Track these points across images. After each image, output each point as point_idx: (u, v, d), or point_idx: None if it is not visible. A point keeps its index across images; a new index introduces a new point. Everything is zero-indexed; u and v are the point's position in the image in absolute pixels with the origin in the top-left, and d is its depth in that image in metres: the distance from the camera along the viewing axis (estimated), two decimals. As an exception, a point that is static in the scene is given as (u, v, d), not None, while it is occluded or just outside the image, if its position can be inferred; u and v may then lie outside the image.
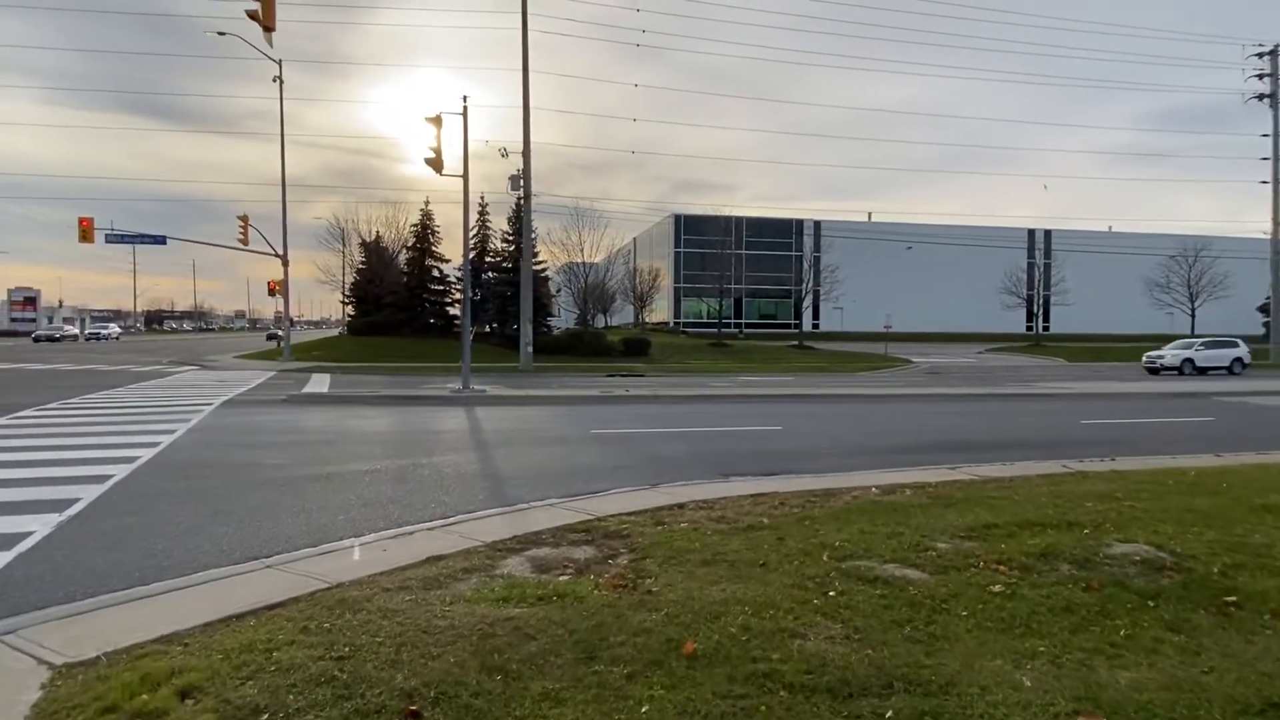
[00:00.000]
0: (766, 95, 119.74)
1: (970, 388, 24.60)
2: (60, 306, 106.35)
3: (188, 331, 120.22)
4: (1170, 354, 34.67)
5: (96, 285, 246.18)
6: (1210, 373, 33.23)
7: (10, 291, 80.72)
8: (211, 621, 4.11)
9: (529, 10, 31.30)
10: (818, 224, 68.48)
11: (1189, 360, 33.66)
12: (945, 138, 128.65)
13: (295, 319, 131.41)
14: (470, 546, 5.65)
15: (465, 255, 20.31)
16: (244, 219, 33.94)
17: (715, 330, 54.21)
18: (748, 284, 66.20)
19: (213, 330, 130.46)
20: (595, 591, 4.54)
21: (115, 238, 35.18)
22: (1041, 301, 67.90)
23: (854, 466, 9.93)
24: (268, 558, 5.52)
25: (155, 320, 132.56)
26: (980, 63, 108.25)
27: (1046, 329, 70.24)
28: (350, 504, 7.34)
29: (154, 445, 10.28)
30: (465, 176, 18.83)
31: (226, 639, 3.83)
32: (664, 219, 70.97)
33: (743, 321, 65.91)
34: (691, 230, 65.28)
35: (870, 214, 75.97)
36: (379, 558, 5.40)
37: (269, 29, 9.16)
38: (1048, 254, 74.64)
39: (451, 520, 6.60)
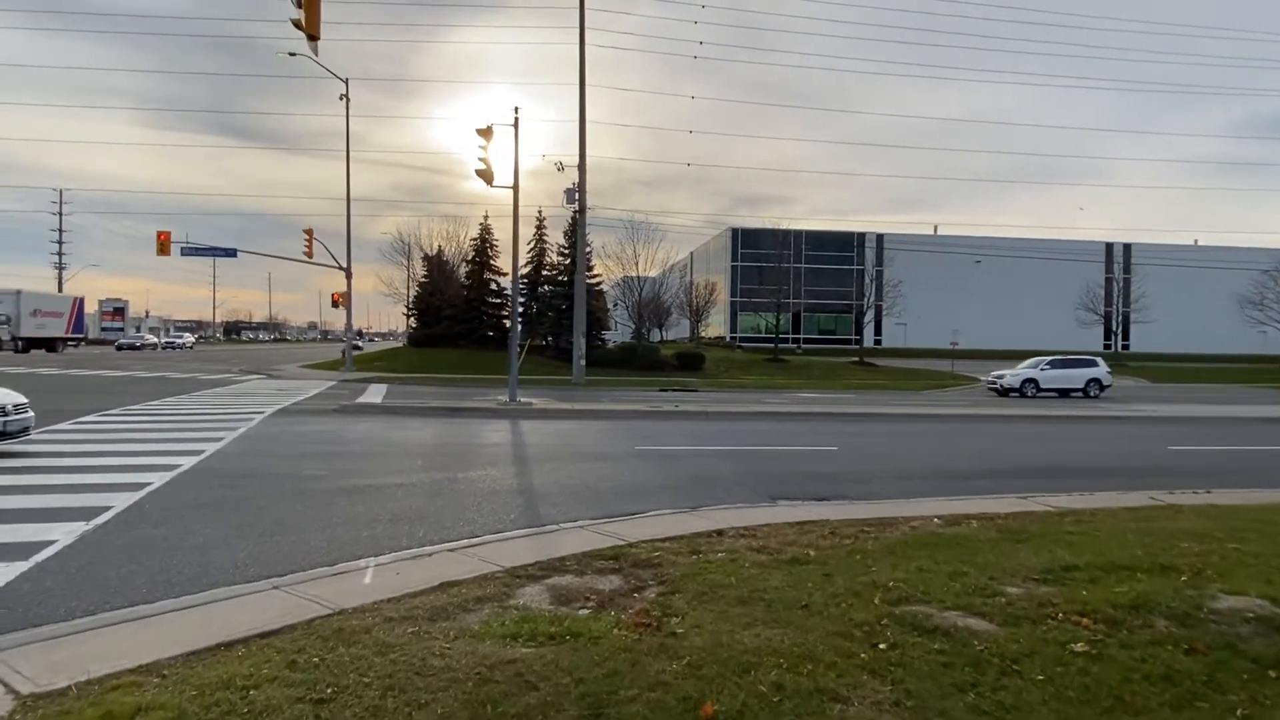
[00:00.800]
0: (828, 106, 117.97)
1: (1044, 409, 23.20)
2: (146, 317, 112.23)
3: (263, 341, 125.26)
4: (1011, 374, 30.48)
5: (181, 297, 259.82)
6: (1071, 395, 29.38)
7: (101, 302, 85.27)
8: (198, 650, 3.82)
9: (586, 25, 31.45)
10: (880, 237, 66.75)
11: (1031, 381, 29.62)
12: (1017, 147, 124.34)
13: (364, 330, 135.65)
14: (488, 572, 5.27)
15: (514, 267, 20.23)
16: (309, 232, 34.92)
17: (772, 345, 53.18)
18: (806, 298, 64.84)
19: (287, 340, 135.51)
20: (614, 631, 4.09)
21: (190, 250, 36.68)
22: (1121, 318, 64.34)
23: (914, 493, 9.22)
24: (280, 576, 5.26)
25: (233, 330, 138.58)
26: (1055, 68, 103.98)
27: (1126, 347, 66.56)
28: (377, 519, 7.07)
29: (198, 453, 10.31)
30: (515, 188, 18.78)
31: (206, 672, 3.52)
32: (721, 233, 70.34)
33: (801, 336, 64.57)
34: (749, 244, 64.45)
35: (936, 227, 73.77)
36: (391, 581, 5.07)
37: (313, 38, 9.14)
38: (1127, 268, 70.89)
39: (475, 541, 6.24)
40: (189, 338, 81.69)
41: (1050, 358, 31.52)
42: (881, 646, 3.87)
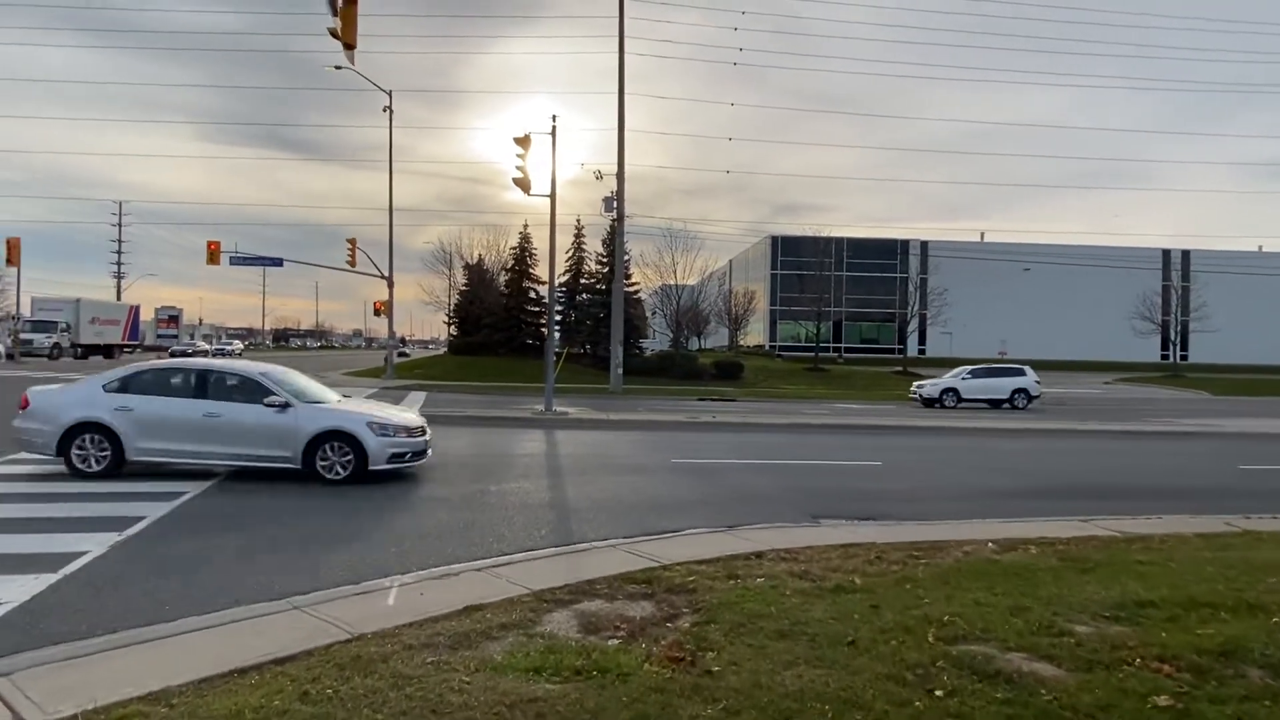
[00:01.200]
0: (870, 111, 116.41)
1: (1100, 423, 22.21)
2: (200, 324, 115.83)
3: (310, 349, 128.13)
4: (931, 384, 28.83)
5: (232, 306, 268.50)
6: (1002, 405, 27.59)
7: (157, 310, 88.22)
8: (210, 677, 3.65)
9: (626, 35, 31.43)
10: (924, 244, 65.38)
11: (951, 391, 27.79)
12: (1066, 151, 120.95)
13: (407, 338, 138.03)
14: (515, 595, 5.04)
15: (551, 275, 20.15)
16: (352, 242, 35.50)
17: (812, 354, 52.40)
18: (848, 306, 63.79)
19: (333, 348, 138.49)
20: (645, 666, 3.81)
21: (239, 260, 37.65)
22: (1179, 328, 61.74)
23: (965, 513, 8.75)
24: (303, 594, 5.11)
25: (282, 338, 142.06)
26: (1104, 69, 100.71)
27: (1184, 358, 63.84)
28: (406, 534, 6.92)
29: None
30: (553, 196, 18.71)
31: (216, 702, 3.35)
32: (760, 240, 69.71)
33: (842, 345, 63.49)
34: (789, 251, 63.69)
35: (983, 234, 71.97)
36: (414, 603, 4.87)
37: (350, 46, 9.12)
38: (1185, 276, 68.27)
39: (503, 560, 6.03)
40: (238, 345, 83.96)
41: (973, 367, 30.05)
42: (938, 694, 3.52)
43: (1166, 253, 70.09)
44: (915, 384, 29.79)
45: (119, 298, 68.78)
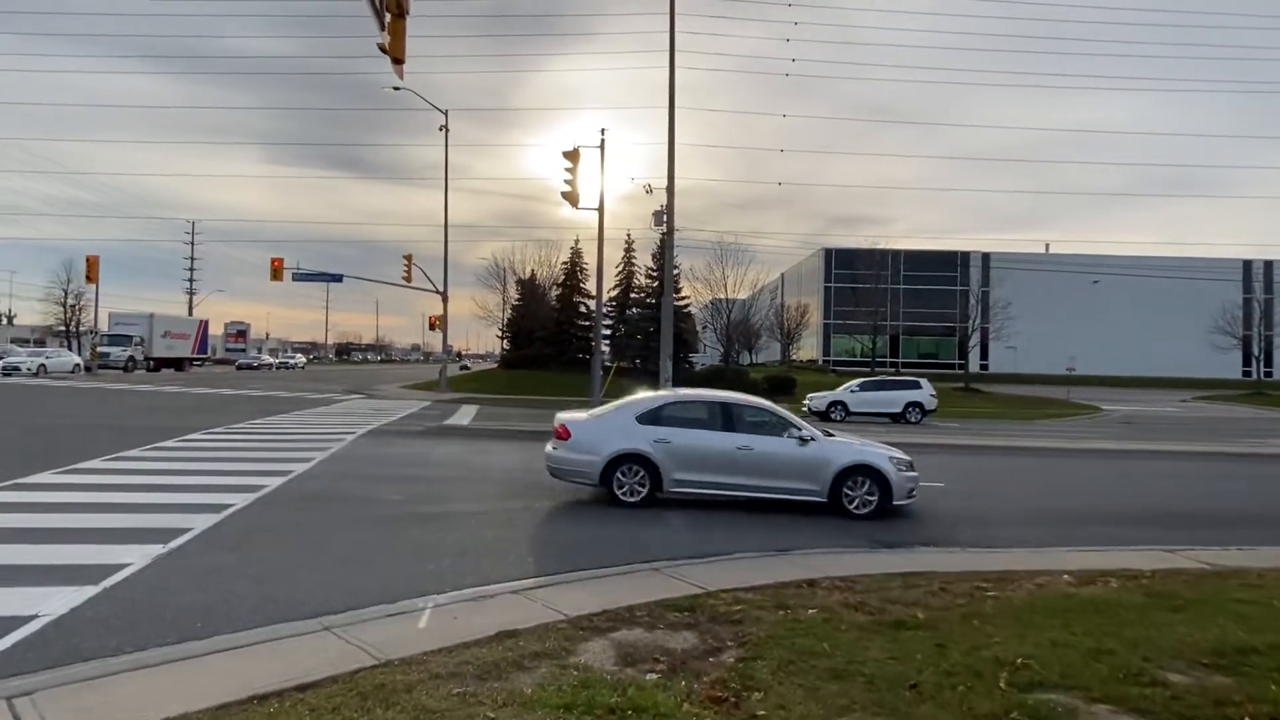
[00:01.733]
0: (928, 120, 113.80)
1: (1179, 443, 20.87)
2: (267, 338, 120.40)
3: (370, 362, 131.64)
4: (819, 397, 27.44)
5: (297, 320, 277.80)
6: (899, 420, 26.29)
7: (226, 325, 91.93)
8: (229, 703, 3.50)
9: (676, 49, 31.39)
10: (986, 256, 63.40)
11: (839, 404, 26.55)
12: (1137, 158, 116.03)
13: (463, 352, 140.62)
14: (550, 621, 4.79)
15: (599, 288, 20.05)
16: (408, 258, 36.23)
17: (868, 369, 51.11)
18: (905, 320, 62.23)
19: (393, 361, 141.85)
20: (684, 707, 3.51)
21: (301, 276, 38.86)
22: (1263, 342, 58.23)
23: (1035, 540, 8.18)
24: (335, 614, 4.97)
25: (344, 351, 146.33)
26: (1175, 72, 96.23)
27: (1269, 374, 60.17)
28: (445, 551, 6.76)
29: (285, 474, 10.42)
30: (600, 208, 18.64)
31: (230, 733, 3.18)
32: (813, 253, 68.71)
33: (899, 361, 61.87)
34: (843, 264, 62.59)
35: (1047, 245, 69.48)
36: (446, 627, 4.67)
37: (398, 61, 9.12)
38: (1268, 288, 64.54)
39: (540, 582, 5.79)
40: (301, 358, 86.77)
41: (863, 380, 29.30)
42: (1015, 753, 3.11)
43: (1248, 264, 66.43)
44: (809, 395, 28.66)
45: (190, 312, 71.81)
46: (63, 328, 64.69)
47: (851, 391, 27.45)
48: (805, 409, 27.34)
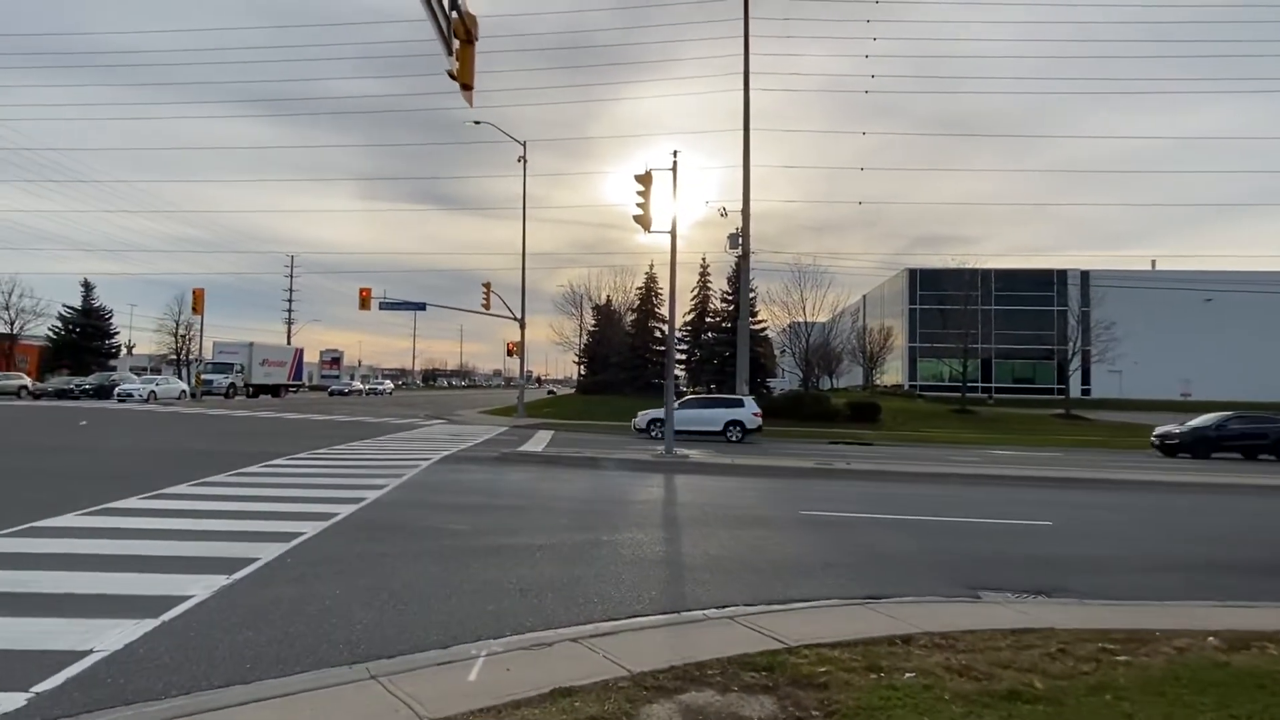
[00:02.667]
0: (1020, 133, 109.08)
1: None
2: (359, 365, 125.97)
3: (454, 388, 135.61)
4: (642, 415, 26.93)
5: (387, 348, 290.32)
6: (725, 438, 25.50)
7: (321, 353, 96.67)
8: (257, 766, 3.20)
9: (751, 70, 31.13)
10: (1085, 274, 59.70)
11: (657, 421, 25.45)
12: (1250, 167, 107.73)
13: (542, 378, 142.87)
14: (611, 677, 4.34)
15: (671, 312, 19.68)
16: (487, 286, 37.06)
17: (958, 394, 48.73)
18: (998, 343, 59.06)
19: (476, 386, 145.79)
20: (759, 797, 2.98)
21: (387, 305, 40.32)
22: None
23: (1165, 591, 7.19)
24: (388, 658, 4.70)
25: (430, 377, 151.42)
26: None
27: None
28: (506, 589, 6.43)
29: (358, 501, 10.41)
30: (673, 231, 18.34)
31: (251, 805, 2.87)
32: (897, 274, 66.44)
33: (992, 385, 58.76)
34: (928, 285, 60.16)
35: (1153, 261, 64.97)
36: (498, 681, 4.29)
37: (467, 87, 9.12)
38: None
39: (603, 630, 5.35)
40: (389, 384, 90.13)
41: (687, 398, 29.48)
42: None
43: (1386, 276, 60.10)
44: (639, 413, 27.78)
45: (289, 341, 75.65)
46: (174, 356, 69.31)
47: (675, 409, 27.11)
48: (634, 428, 27.26)
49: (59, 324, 60.84)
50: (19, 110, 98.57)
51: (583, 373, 53.04)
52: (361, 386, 79.79)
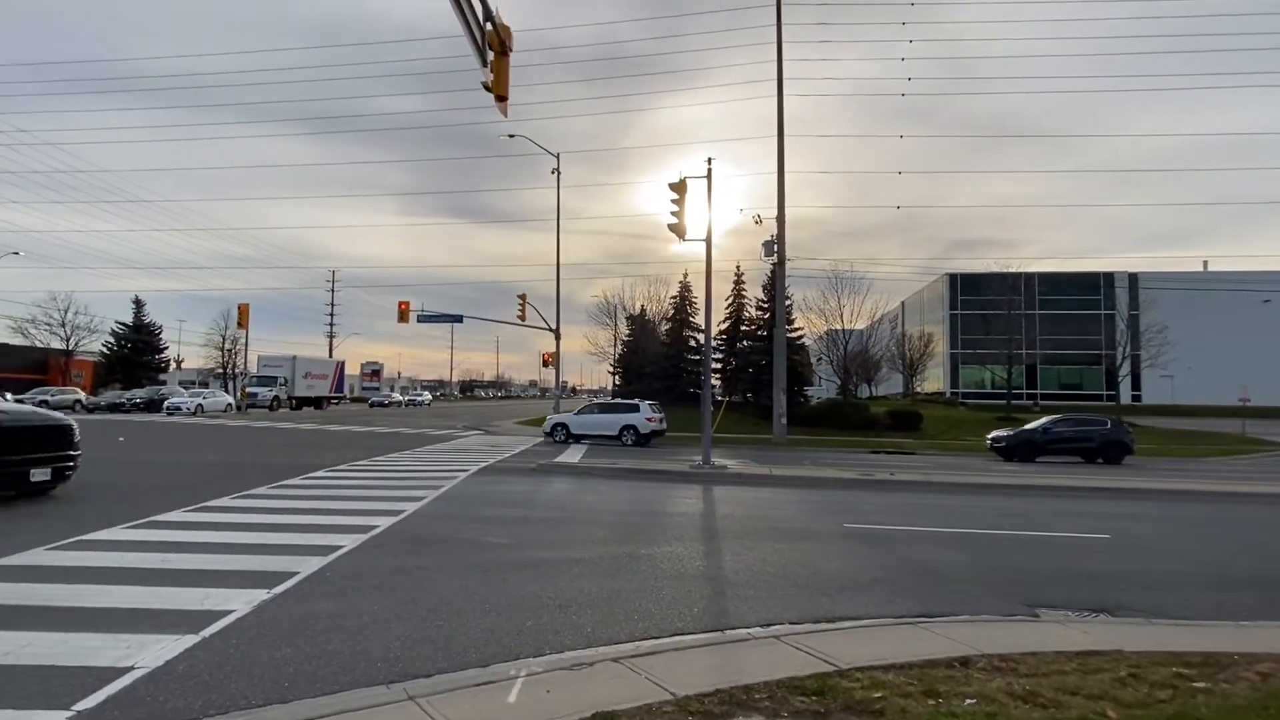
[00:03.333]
0: (1061, 133, 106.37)
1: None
2: (398, 377, 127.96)
3: (492, 398, 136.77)
4: (550, 420, 28.90)
5: (425, 360, 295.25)
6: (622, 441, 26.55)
7: (362, 365, 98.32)
8: (292, 793, 3.11)
9: (785, 77, 30.92)
10: (1133, 276, 57.92)
11: (561, 425, 27.86)
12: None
13: (577, 388, 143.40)
14: (654, 701, 4.18)
15: (708, 320, 19.47)
16: (522, 298, 37.26)
17: (1003, 402, 47.51)
18: (1043, 349, 57.55)
19: (513, 397, 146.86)
20: (816, 836, 2.79)
21: (425, 317, 40.79)
22: None
23: (1238, 609, 6.78)
24: (425, 677, 4.62)
25: (467, 388, 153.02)
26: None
27: None
28: (545, 605, 6.31)
29: (396, 514, 10.41)
30: (708, 239, 18.16)
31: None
32: (936, 279, 65.22)
33: (1038, 392, 57.18)
34: (969, 290, 58.95)
35: (1205, 262, 62.75)
36: (539, 703, 4.16)
37: (501, 98, 9.11)
38: None
39: (646, 648, 5.19)
40: (427, 396, 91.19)
41: (587, 404, 30.60)
42: None
43: None
44: (548, 416, 29.84)
45: (330, 354, 77.10)
46: (221, 370, 71.13)
47: (574, 415, 29.07)
48: (542, 432, 28.82)
49: (112, 340, 62.89)
50: (74, 134, 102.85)
51: (618, 383, 53.00)
52: (401, 398, 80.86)
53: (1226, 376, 51.87)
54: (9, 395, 37.97)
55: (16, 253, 55.06)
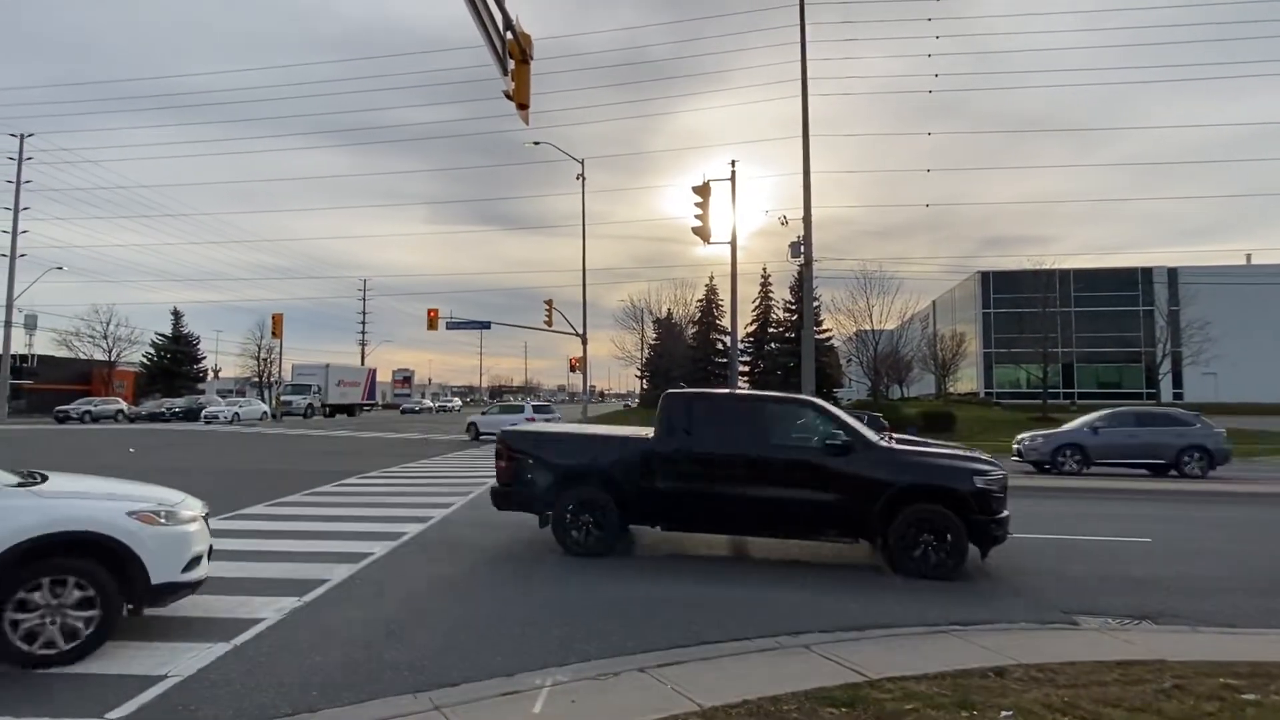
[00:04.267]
0: (1093, 126, 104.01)
1: None
2: (429, 384, 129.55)
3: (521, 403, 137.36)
4: (470, 418, 33.43)
5: (455, 366, 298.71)
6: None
7: (393, 372, 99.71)
8: (318, 804, 3.12)
9: (809, 76, 30.64)
10: (1172, 271, 56.39)
11: (473, 424, 31.83)
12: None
13: (605, 392, 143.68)
14: (680, 712, 4.13)
15: (733, 322, 19.38)
16: (549, 303, 37.43)
17: (1039, 401, 46.52)
18: (1079, 346, 56.20)
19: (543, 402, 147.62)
20: None
21: (454, 324, 41.28)
22: None
23: (1286, 616, 6.50)
24: (451, 686, 4.63)
25: (496, 394, 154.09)
26: None
27: None
28: (574, 612, 6.27)
29: (425, 520, 10.50)
30: (733, 241, 18.08)
31: None
32: (968, 278, 64.15)
33: (1075, 391, 55.88)
34: (1002, 288, 57.88)
35: (1249, 255, 60.89)
36: (563, 714, 4.15)
37: (523, 106, 9.16)
38: None
39: (671, 657, 5.14)
40: (457, 402, 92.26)
41: (493, 405, 33.27)
42: None
43: None
44: (469, 418, 33.87)
45: (362, 362, 78.31)
46: (257, 379, 72.60)
47: (482, 413, 33.92)
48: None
49: (152, 350, 64.54)
50: (113, 152, 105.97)
51: (645, 386, 53.05)
52: (431, 404, 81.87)
53: (1274, 372, 50.25)
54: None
55: (60, 268, 56.80)
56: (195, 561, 5.53)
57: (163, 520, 5.32)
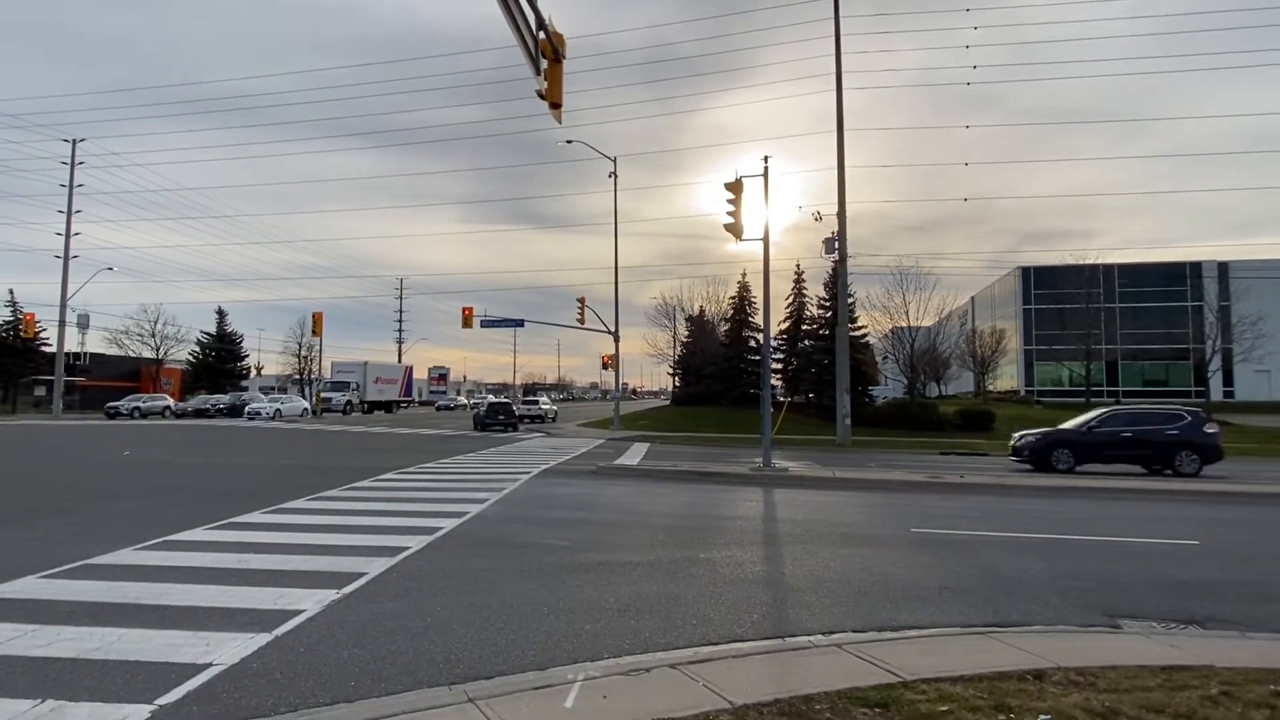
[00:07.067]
0: (1138, 117, 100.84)
1: None
2: (464, 381, 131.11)
3: (553, 401, 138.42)
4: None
5: (489, 363, 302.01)
6: None
7: (429, 369, 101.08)
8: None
9: (844, 69, 30.32)
10: (1222, 265, 54.54)
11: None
12: None
13: (638, 390, 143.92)
14: (712, 709, 4.13)
15: (766, 320, 19.20)
16: (581, 301, 37.64)
17: (1081, 399, 45.37)
18: (1124, 343, 54.69)
19: (574, 399, 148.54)
20: None
21: (488, 322, 41.75)
22: None
23: (1350, 625, 6.24)
24: (485, 679, 4.68)
25: (529, 391, 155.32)
26: None
27: None
28: (605, 608, 6.33)
29: (460, 515, 10.64)
30: (765, 238, 17.92)
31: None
32: (1008, 273, 62.83)
33: (1119, 389, 54.40)
34: (1043, 284, 56.57)
35: (1307, 248, 58.46)
36: (595, 708, 4.17)
37: (555, 105, 9.21)
38: None
39: (703, 655, 5.13)
40: (489, 398, 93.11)
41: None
42: None
43: None
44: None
45: (399, 360, 79.46)
46: (298, 376, 74.24)
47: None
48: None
49: (197, 349, 66.44)
50: (159, 155, 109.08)
51: (677, 384, 52.97)
52: (466, 401, 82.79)
53: (1332, 370, 48.31)
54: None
55: (110, 268, 58.80)
56: None
57: None
